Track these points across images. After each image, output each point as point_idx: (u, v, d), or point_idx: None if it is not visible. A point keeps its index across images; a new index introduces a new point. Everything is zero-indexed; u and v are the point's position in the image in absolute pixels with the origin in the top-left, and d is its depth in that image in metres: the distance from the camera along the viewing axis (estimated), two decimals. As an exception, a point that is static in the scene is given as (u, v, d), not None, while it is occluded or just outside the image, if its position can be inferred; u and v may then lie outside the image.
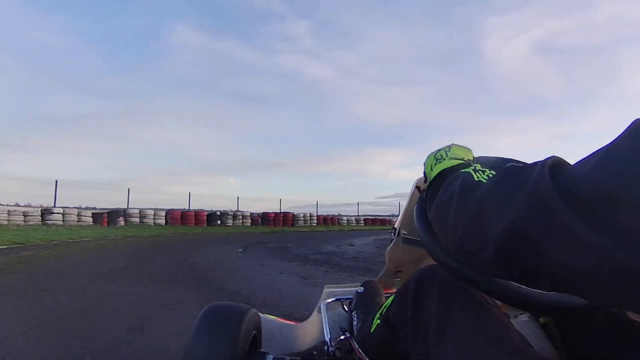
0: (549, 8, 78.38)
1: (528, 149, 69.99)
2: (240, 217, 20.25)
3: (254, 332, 1.04)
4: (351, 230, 21.82)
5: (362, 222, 26.45)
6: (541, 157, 0.41)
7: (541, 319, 0.69)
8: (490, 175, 0.48)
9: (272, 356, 1.02)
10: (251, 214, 20.94)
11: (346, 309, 1.20)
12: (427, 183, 0.65)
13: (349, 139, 73.51)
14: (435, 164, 0.63)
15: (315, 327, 1.26)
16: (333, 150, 65.52)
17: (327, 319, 1.17)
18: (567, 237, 0.33)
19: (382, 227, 24.85)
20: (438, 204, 0.54)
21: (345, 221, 25.60)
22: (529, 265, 0.39)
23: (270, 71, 65.45)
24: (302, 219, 22.32)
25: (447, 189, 0.53)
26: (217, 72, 61.36)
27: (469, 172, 0.51)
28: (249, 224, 20.18)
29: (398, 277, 1.32)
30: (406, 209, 1.02)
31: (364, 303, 1.08)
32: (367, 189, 72.33)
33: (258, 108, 61.99)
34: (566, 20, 78.09)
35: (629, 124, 0.34)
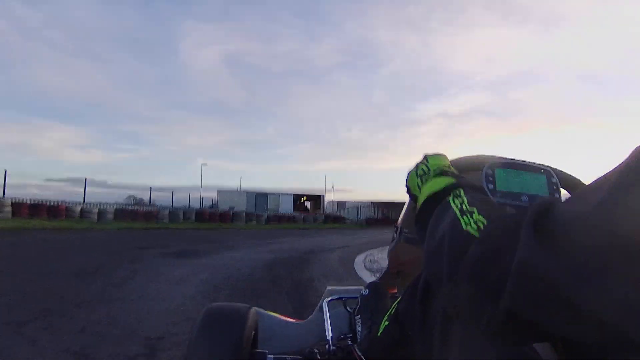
0: (240, 29, 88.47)
1: (213, 149, 69.76)
2: None
3: (253, 332, 1.03)
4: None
5: (26, 211, 15.93)
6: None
7: None
8: (481, 226, 0.44)
9: (272, 356, 1.03)
10: None
11: (349, 309, 1.21)
12: (417, 210, 0.62)
13: (7, 103, 59.30)
14: (422, 185, 0.61)
15: (317, 326, 1.29)
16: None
17: (329, 318, 1.18)
18: (567, 313, 0.30)
19: (62, 225, 14.37)
20: (428, 249, 0.51)
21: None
22: (533, 339, 0.40)
23: None
24: None
25: (435, 230, 0.50)
26: None
27: (456, 213, 0.48)
28: None
29: (399, 278, 1.31)
30: (407, 207, 0.99)
31: (368, 307, 1.06)
32: (33, 168, 59.17)
33: None
34: (253, 44, 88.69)
35: (630, 153, 0.28)
